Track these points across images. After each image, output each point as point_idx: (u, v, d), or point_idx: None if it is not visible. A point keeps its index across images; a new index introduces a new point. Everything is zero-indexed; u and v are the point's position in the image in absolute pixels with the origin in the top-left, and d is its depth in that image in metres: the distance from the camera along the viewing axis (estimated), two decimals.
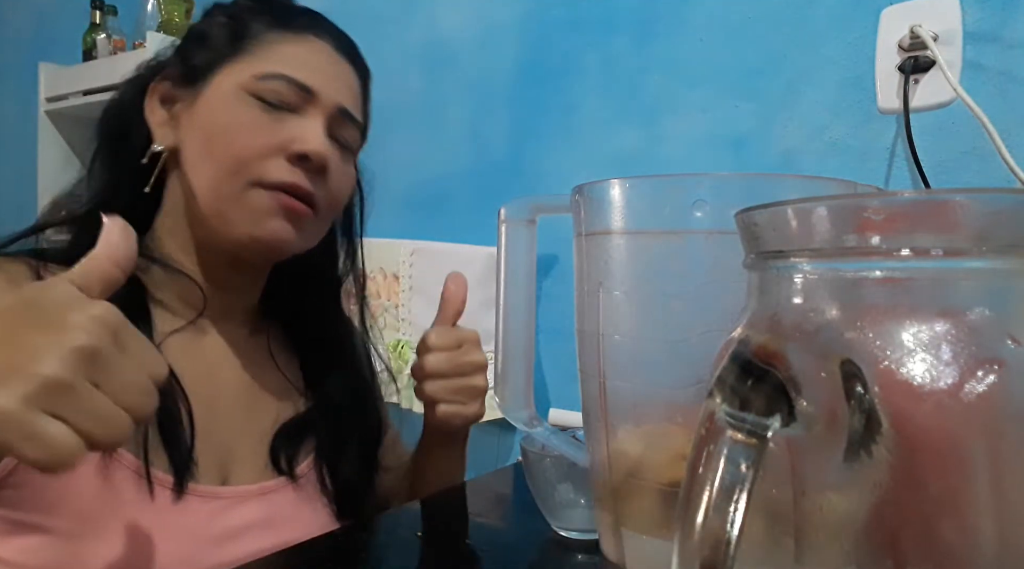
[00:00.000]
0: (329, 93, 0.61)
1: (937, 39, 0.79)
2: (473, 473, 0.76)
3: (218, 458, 0.61)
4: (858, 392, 0.21)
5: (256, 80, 0.59)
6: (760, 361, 0.23)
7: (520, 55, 1.22)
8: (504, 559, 0.56)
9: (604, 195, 0.42)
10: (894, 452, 0.21)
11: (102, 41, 1.79)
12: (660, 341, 0.41)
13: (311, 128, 0.59)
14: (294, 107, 0.59)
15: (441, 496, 0.70)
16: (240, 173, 0.58)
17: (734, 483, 0.22)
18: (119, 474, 0.54)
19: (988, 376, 0.20)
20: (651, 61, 1.08)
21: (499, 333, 0.51)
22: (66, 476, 0.52)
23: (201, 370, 0.62)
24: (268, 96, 0.59)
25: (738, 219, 0.27)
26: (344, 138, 0.63)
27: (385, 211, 1.39)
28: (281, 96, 0.59)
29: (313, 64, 0.61)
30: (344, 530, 0.62)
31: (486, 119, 1.26)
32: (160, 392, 0.56)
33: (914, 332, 0.21)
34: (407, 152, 1.34)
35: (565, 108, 1.16)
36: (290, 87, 0.59)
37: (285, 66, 0.60)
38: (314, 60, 0.61)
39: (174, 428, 0.57)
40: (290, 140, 0.58)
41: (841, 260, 0.23)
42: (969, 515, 0.21)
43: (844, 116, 0.91)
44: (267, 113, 0.59)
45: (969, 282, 0.22)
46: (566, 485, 0.55)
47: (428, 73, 1.33)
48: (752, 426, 0.22)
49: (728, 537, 0.21)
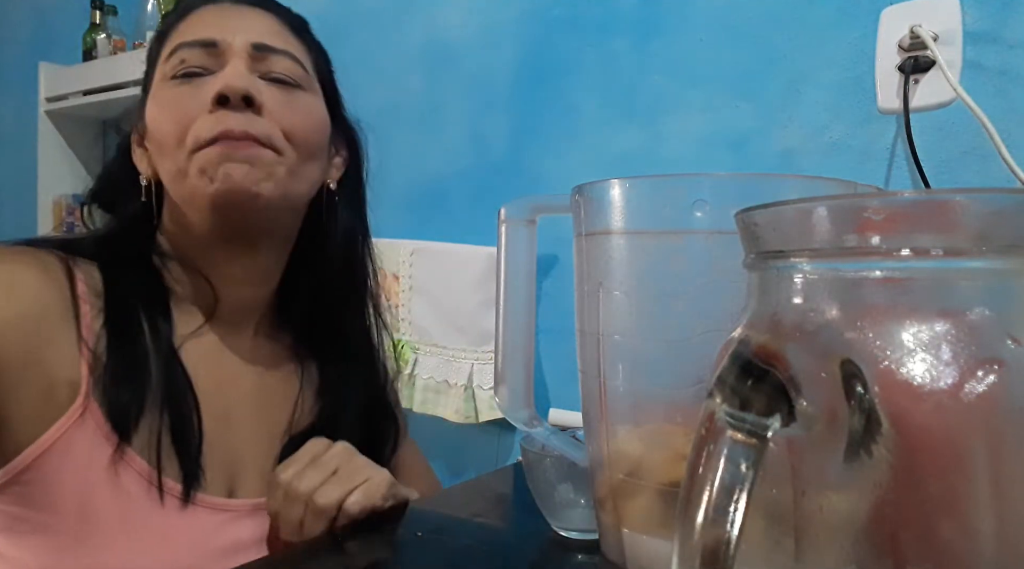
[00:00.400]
0: (234, 38, 0.59)
1: (937, 39, 0.79)
2: (473, 473, 0.76)
3: (227, 468, 0.60)
4: (858, 392, 0.21)
5: (165, 64, 0.59)
6: (760, 361, 0.23)
7: (520, 55, 1.22)
8: (504, 559, 0.56)
9: (604, 195, 0.42)
10: (894, 452, 0.21)
11: (102, 41, 1.80)
12: (660, 341, 0.41)
13: (224, 72, 0.58)
14: (209, 68, 0.58)
15: (441, 496, 0.70)
16: (181, 147, 0.57)
17: (734, 483, 0.22)
18: (128, 478, 0.54)
19: (988, 376, 0.20)
20: (651, 61, 1.08)
21: (499, 333, 0.51)
22: (78, 477, 0.52)
23: (217, 377, 0.62)
24: (179, 70, 0.58)
25: (738, 219, 0.27)
26: (276, 72, 0.60)
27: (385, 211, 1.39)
28: (188, 64, 0.58)
29: (209, 21, 0.60)
30: (344, 530, 0.62)
31: (486, 119, 1.26)
32: (175, 399, 0.56)
33: (914, 332, 0.21)
34: (407, 152, 1.34)
35: (565, 108, 1.16)
36: (192, 50, 0.58)
37: (183, 37, 0.59)
38: (210, 19, 0.61)
39: (187, 436, 0.57)
40: (208, 96, 0.57)
41: (841, 260, 0.23)
42: (969, 515, 0.21)
43: (844, 116, 0.91)
44: (185, 85, 0.58)
45: (969, 282, 0.22)
46: (566, 485, 0.55)
47: (428, 73, 1.33)
48: (752, 426, 0.22)
49: (728, 537, 0.21)
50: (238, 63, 0.58)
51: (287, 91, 0.61)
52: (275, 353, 0.68)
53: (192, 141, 0.56)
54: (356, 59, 1.40)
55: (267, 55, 0.60)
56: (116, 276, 0.59)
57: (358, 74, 1.43)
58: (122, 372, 0.55)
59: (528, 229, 0.51)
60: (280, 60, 0.61)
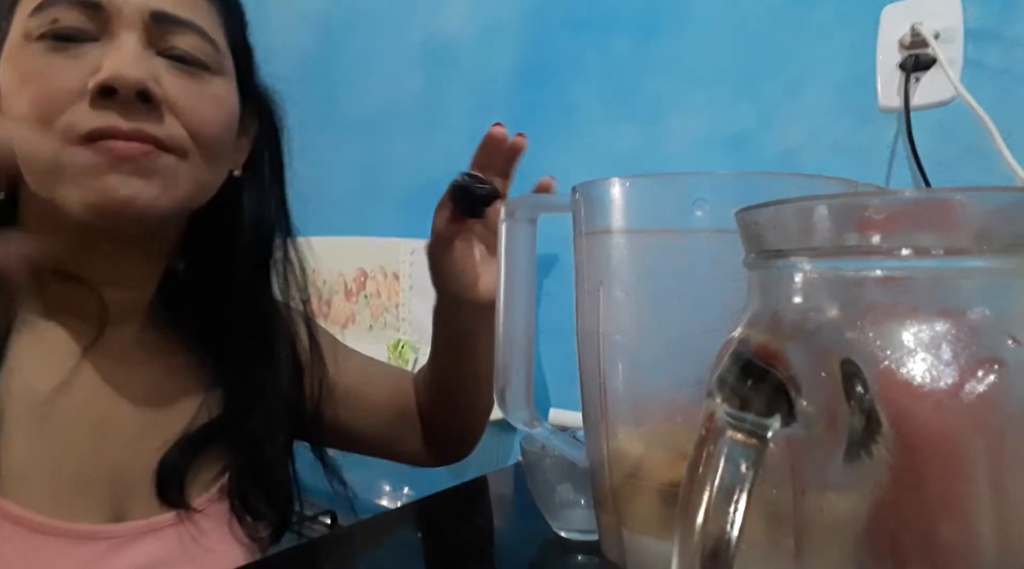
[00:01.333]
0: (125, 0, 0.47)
1: (938, 37, 0.79)
2: (473, 473, 0.76)
3: (111, 489, 0.50)
4: (858, 392, 0.21)
5: (30, 19, 0.46)
6: (760, 361, 0.22)
7: (520, 55, 1.22)
8: (504, 559, 0.55)
9: (604, 194, 0.42)
10: (894, 452, 0.21)
11: None
12: (660, 341, 0.41)
13: (111, 52, 0.46)
14: (91, 34, 0.46)
15: (441, 496, 0.70)
16: (46, 132, 0.45)
17: (734, 483, 0.22)
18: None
19: (988, 376, 0.20)
20: (651, 61, 1.08)
21: (499, 333, 0.51)
22: None
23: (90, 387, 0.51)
24: (50, 30, 0.46)
25: (738, 218, 0.26)
26: (180, 50, 0.49)
27: (385, 211, 1.40)
28: (63, 25, 0.46)
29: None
30: (344, 530, 0.62)
31: (486, 119, 1.25)
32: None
33: (914, 332, 0.21)
34: (407, 152, 1.34)
35: (565, 108, 1.16)
36: (65, 8, 0.46)
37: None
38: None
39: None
40: (88, 74, 0.45)
41: (842, 259, 0.23)
42: (969, 515, 0.21)
43: (844, 115, 0.91)
44: (57, 52, 0.46)
45: (969, 281, 0.22)
46: (566, 485, 0.55)
47: (428, 73, 1.33)
48: (752, 426, 0.22)
49: (728, 537, 0.21)
50: (129, 38, 0.46)
51: (192, 77, 0.49)
52: (164, 346, 0.57)
53: (64, 130, 0.45)
54: (356, 59, 1.40)
55: (170, 28, 0.48)
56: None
57: (358, 74, 1.44)
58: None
59: (529, 228, 0.51)
60: (185, 36, 0.49)
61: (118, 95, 0.45)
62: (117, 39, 0.47)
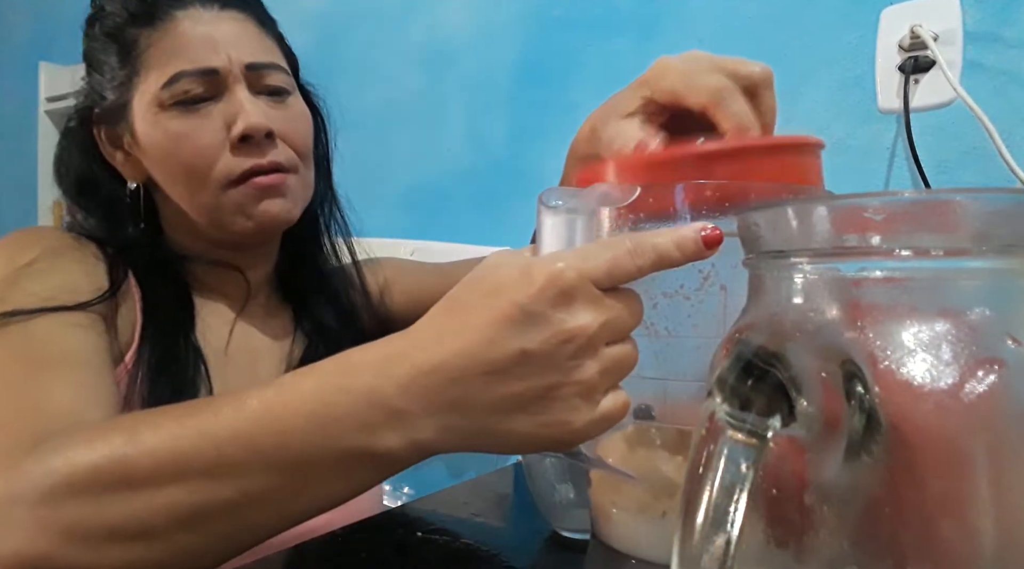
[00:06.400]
0: (229, 61, 0.59)
1: (937, 39, 0.79)
2: (473, 473, 0.76)
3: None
4: (858, 392, 0.21)
5: (162, 91, 0.59)
6: (760, 361, 0.23)
7: (520, 55, 1.22)
8: (504, 559, 0.56)
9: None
10: (894, 452, 0.21)
11: None
12: (660, 340, 0.41)
13: (235, 106, 0.59)
14: (210, 93, 0.59)
15: (441, 496, 0.70)
16: (205, 183, 0.59)
17: (734, 483, 0.22)
18: None
19: (988, 376, 0.20)
20: (651, 61, 1.07)
21: None
22: None
23: (243, 342, 0.66)
24: (181, 99, 0.59)
25: (738, 219, 0.26)
26: (271, 86, 0.62)
27: (385, 211, 1.40)
28: (191, 92, 0.59)
29: (197, 42, 0.59)
30: (344, 530, 0.62)
31: (486, 119, 1.26)
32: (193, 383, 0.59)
33: (914, 332, 0.21)
34: (407, 152, 1.34)
35: (565, 108, 1.16)
36: (193, 80, 0.58)
37: (177, 63, 0.59)
38: (195, 36, 0.60)
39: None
40: (225, 128, 0.59)
41: (841, 260, 0.23)
42: (969, 515, 0.21)
43: (844, 116, 0.91)
44: (191, 114, 0.59)
45: (969, 282, 0.22)
46: (566, 485, 0.55)
47: (428, 73, 1.33)
48: (752, 426, 0.22)
49: (728, 537, 0.21)
50: (240, 91, 0.59)
51: (281, 103, 0.63)
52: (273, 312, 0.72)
53: (220, 178, 0.59)
54: (356, 59, 1.40)
55: (261, 73, 0.61)
56: (144, 272, 0.62)
57: (358, 74, 1.44)
58: (161, 365, 0.58)
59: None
60: (273, 74, 0.62)
61: (252, 139, 0.59)
62: (232, 94, 0.60)
